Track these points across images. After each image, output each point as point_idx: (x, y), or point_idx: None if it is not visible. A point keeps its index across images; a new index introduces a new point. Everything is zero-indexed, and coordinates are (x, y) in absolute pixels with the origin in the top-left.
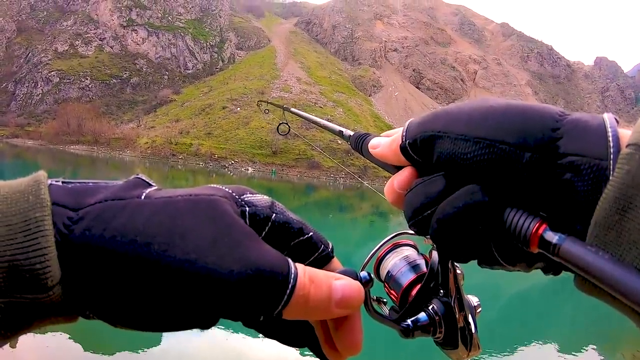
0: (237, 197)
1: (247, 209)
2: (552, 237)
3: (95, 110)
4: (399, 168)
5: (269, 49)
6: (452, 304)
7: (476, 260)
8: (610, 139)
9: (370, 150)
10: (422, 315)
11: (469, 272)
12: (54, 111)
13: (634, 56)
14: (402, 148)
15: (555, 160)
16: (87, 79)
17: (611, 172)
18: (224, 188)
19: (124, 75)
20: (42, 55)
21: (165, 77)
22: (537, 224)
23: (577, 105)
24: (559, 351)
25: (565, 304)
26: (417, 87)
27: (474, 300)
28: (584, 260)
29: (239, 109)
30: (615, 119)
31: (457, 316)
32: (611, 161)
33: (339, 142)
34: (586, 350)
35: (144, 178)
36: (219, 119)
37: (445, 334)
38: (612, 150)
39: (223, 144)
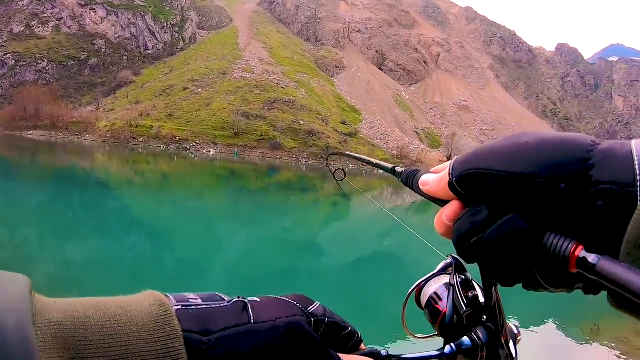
0: (306, 311)
1: (313, 319)
2: (589, 257)
3: (52, 94)
4: (446, 201)
5: (231, 29)
6: (496, 330)
7: (520, 284)
8: (637, 167)
9: (421, 187)
10: (465, 339)
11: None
12: (10, 95)
13: (595, 44)
14: (450, 184)
15: (588, 189)
16: (44, 61)
17: (639, 197)
18: (296, 304)
19: (82, 57)
20: None
21: (125, 57)
22: (574, 246)
23: (537, 90)
24: (518, 327)
25: None
26: (380, 69)
27: (514, 328)
28: (619, 276)
29: (200, 89)
30: None
31: (502, 342)
32: (638, 188)
33: (301, 122)
34: (546, 325)
35: (243, 299)
36: (180, 101)
37: None
38: (639, 179)
39: (184, 126)
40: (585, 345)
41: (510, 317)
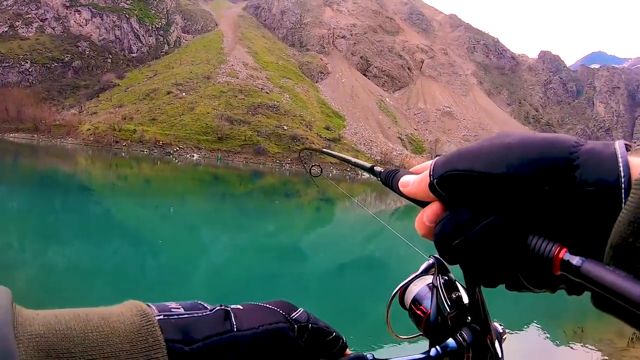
0: (289, 317)
1: (296, 326)
2: (573, 259)
3: (35, 96)
4: (427, 202)
5: (216, 33)
6: (481, 330)
7: (503, 285)
8: (621, 169)
9: (401, 189)
10: (450, 341)
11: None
12: None
13: (577, 51)
14: (430, 186)
15: (572, 190)
16: (27, 63)
17: (624, 199)
18: (279, 311)
19: (66, 59)
20: None
21: (109, 60)
22: (558, 249)
23: (520, 96)
24: (503, 326)
25: None
26: (364, 75)
27: (499, 327)
28: (603, 279)
29: (184, 94)
30: (626, 146)
31: (487, 343)
32: (623, 190)
33: (285, 127)
34: (530, 328)
35: (225, 307)
36: (164, 104)
37: None
38: (623, 180)
39: (168, 130)
40: (570, 347)
41: (494, 320)
